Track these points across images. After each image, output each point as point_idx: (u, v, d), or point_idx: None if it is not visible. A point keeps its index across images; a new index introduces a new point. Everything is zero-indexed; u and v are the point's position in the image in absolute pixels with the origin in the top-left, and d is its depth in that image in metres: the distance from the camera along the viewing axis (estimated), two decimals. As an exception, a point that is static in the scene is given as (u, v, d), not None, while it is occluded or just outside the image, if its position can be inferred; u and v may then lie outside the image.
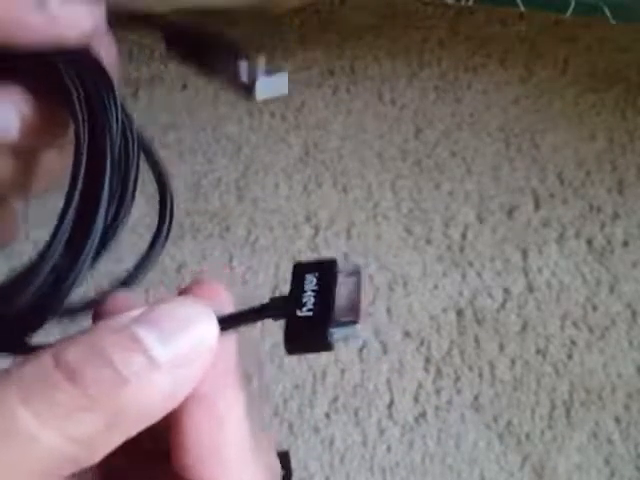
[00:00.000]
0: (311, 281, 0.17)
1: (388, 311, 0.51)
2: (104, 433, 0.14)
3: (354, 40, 0.58)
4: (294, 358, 0.50)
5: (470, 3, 0.46)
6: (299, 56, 0.57)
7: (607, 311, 0.51)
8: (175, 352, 0.14)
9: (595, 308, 0.51)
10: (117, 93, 0.19)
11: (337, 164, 0.55)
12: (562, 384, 0.50)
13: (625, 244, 0.53)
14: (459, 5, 0.46)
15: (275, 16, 0.58)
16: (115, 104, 0.18)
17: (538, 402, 0.49)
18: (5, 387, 0.13)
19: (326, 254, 0.52)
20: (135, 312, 0.15)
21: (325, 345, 0.16)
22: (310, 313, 0.16)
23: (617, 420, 0.49)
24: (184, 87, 0.56)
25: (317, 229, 0.53)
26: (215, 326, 0.15)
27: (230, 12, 0.57)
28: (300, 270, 0.17)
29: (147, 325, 0.14)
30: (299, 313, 0.16)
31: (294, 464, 0.46)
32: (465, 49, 0.58)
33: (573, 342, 0.51)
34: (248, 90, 0.17)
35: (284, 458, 0.47)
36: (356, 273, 0.17)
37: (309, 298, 0.17)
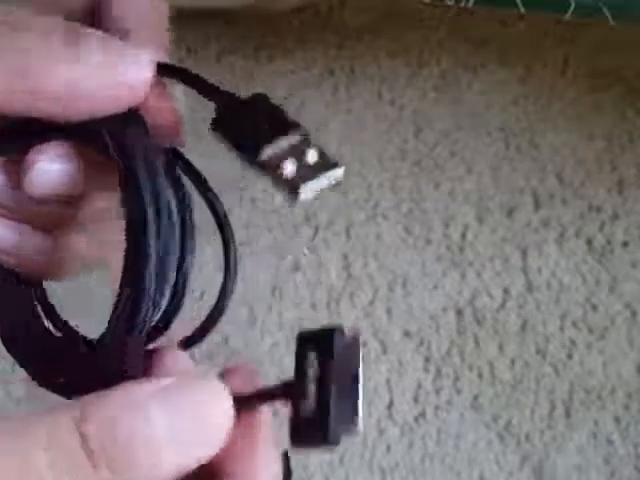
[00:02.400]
0: (312, 364, 0.18)
1: (388, 311, 0.51)
2: None
3: (354, 40, 0.58)
4: (293, 358, 0.50)
5: (470, 4, 0.46)
6: (298, 56, 0.57)
7: (607, 311, 0.51)
8: (185, 437, 0.16)
9: (595, 308, 0.51)
10: (158, 163, 0.19)
11: (337, 164, 0.55)
12: (562, 384, 0.50)
13: (625, 244, 0.53)
14: (459, 5, 0.46)
15: (274, 16, 0.58)
16: (153, 173, 0.18)
17: (538, 402, 0.49)
18: (32, 434, 0.15)
19: (325, 255, 0.52)
20: (156, 385, 0.16)
21: (329, 448, 0.17)
22: (312, 414, 0.17)
23: (617, 420, 0.49)
24: (184, 87, 0.56)
25: (316, 229, 0.53)
26: (229, 414, 0.16)
27: (229, 12, 0.57)
28: (303, 345, 0.18)
29: (162, 406, 0.16)
30: (302, 412, 0.17)
31: (293, 464, 0.46)
32: (465, 49, 0.58)
33: (573, 342, 0.51)
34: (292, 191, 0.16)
35: (284, 458, 0.47)
36: (355, 345, 0.18)
37: (311, 391, 0.17)
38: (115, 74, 0.18)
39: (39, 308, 0.22)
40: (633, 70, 0.57)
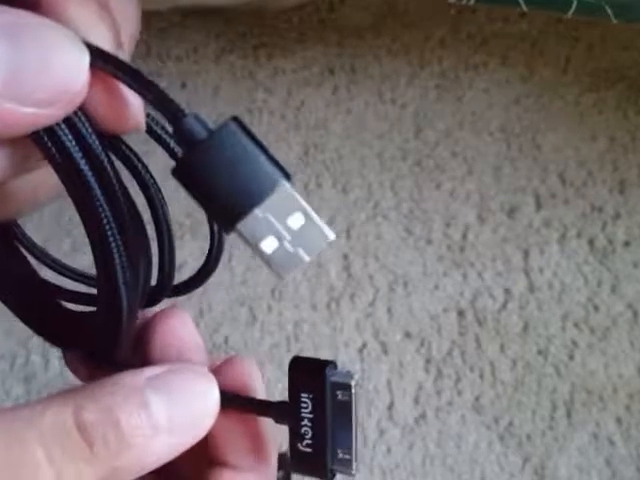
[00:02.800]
0: (306, 405, 0.18)
1: (388, 311, 0.51)
2: None
3: (354, 39, 0.57)
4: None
5: (471, 2, 0.45)
6: (298, 55, 0.57)
7: (608, 311, 0.51)
8: (177, 422, 0.16)
9: (596, 308, 0.51)
10: (104, 158, 0.16)
11: (337, 164, 0.54)
12: (563, 385, 0.49)
13: (627, 244, 0.52)
14: (460, 4, 0.45)
15: (274, 14, 0.57)
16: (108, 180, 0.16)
17: (539, 403, 0.49)
18: (30, 425, 0.15)
19: (326, 255, 0.52)
20: (153, 371, 0.17)
21: (326, 479, 0.18)
22: (309, 450, 0.18)
23: (618, 421, 0.49)
24: (183, 86, 0.56)
25: (317, 229, 0.53)
26: (217, 404, 0.17)
27: (228, 10, 0.57)
28: (296, 373, 0.18)
29: (159, 392, 0.16)
30: (300, 447, 0.18)
31: (294, 466, 0.46)
32: (466, 48, 0.57)
33: (574, 343, 0.50)
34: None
35: (283, 460, 0.47)
36: (347, 388, 0.18)
37: (307, 430, 0.18)
38: (35, 83, 0.13)
39: (19, 245, 0.21)
40: (635, 69, 0.56)
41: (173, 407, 0.16)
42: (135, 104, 0.16)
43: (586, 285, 0.51)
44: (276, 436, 0.21)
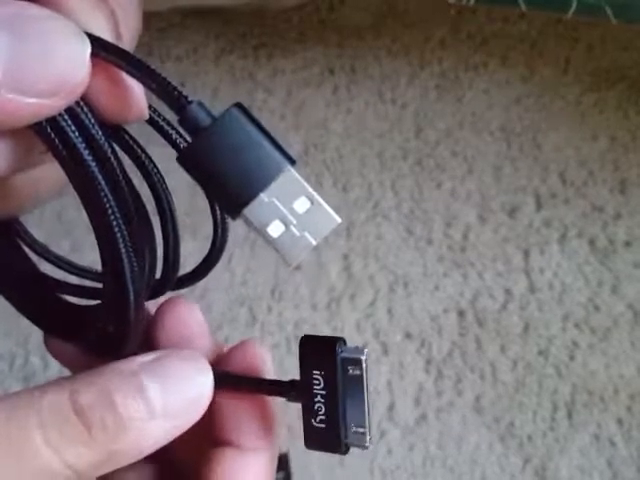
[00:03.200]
0: (318, 381, 0.18)
1: (389, 312, 0.51)
2: (95, 466, 0.16)
3: (354, 39, 0.57)
4: (294, 359, 0.50)
5: (471, 2, 0.45)
6: (298, 55, 0.57)
7: (609, 312, 0.51)
8: (173, 406, 0.16)
9: (597, 309, 0.51)
10: (107, 149, 0.16)
11: (337, 163, 0.54)
12: (564, 386, 0.49)
13: (627, 244, 0.52)
14: (460, 4, 0.45)
15: (274, 14, 0.57)
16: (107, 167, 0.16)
17: (540, 404, 0.49)
18: (28, 410, 0.15)
19: (326, 255, 0.52)
20: (146, 357, 0.17)
21: (341, 452, 0.18)
22: (323, 425, 0.18)
23: (619, 422, 0.48)
24: (182, 85, 0.56)
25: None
26: (210, 387, 0.18)
27: (228, 10, 0.57)
28: (306, 351, 0.18)
29: (153, 376, 0.17)
30: (314, 423, 0.18)
31: (294, 467, 0.46)
32: (466, 48, 0.57)
33: (575, 343, 0.50)
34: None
35: (283, 460, 0.47)
36: (358, 363, 0.18)
37: (320, 406, 0.18)
38: (37, 75, 0.14)
39: (18, 240, 0.21)
40: (636, 69, 0.56)
41: (168, 391, 0.17)
42: (138, 93, 0.16)
43: (587, 285, 0.51)
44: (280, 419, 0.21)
